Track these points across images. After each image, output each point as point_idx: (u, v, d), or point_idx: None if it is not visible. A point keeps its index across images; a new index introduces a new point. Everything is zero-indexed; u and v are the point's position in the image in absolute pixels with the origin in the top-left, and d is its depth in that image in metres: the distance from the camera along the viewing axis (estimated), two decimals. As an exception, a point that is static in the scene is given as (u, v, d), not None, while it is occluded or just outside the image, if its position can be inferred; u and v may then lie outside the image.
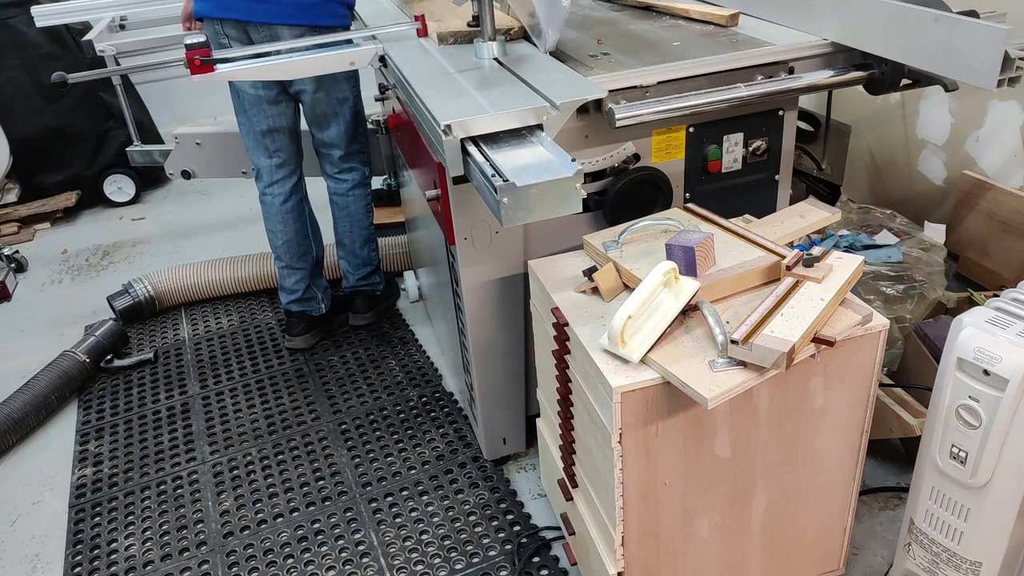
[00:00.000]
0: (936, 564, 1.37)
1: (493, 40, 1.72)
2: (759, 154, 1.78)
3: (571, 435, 1.51)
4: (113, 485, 2.12)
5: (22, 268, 3.39)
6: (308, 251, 2.51)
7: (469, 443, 2.13)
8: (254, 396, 2.41)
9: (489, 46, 1.73)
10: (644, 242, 1.51)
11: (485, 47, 1.73)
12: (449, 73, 1.66)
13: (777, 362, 1.16)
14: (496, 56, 1.73)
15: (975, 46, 1.39)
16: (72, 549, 1.94)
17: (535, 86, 1.52)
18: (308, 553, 1.85)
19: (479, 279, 1.73)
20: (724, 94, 1.61)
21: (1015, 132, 2.28)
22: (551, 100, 1.44)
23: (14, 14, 3.55)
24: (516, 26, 1.85)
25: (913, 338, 1.89)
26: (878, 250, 2.07)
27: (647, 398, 1.23)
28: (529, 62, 1.43)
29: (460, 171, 1.42)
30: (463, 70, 1.67)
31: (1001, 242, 2.30)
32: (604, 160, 1.67)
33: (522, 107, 1.42)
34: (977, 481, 1.23)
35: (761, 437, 1.35)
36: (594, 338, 1.31)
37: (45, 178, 3.86)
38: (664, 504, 1.35)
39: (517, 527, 1.87)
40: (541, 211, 1.25)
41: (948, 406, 1.24)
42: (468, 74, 1.65)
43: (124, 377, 2.56)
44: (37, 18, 2.59)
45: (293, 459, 2.15)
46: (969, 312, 1.24)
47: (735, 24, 1.88)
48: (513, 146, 1.39)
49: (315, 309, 2.59)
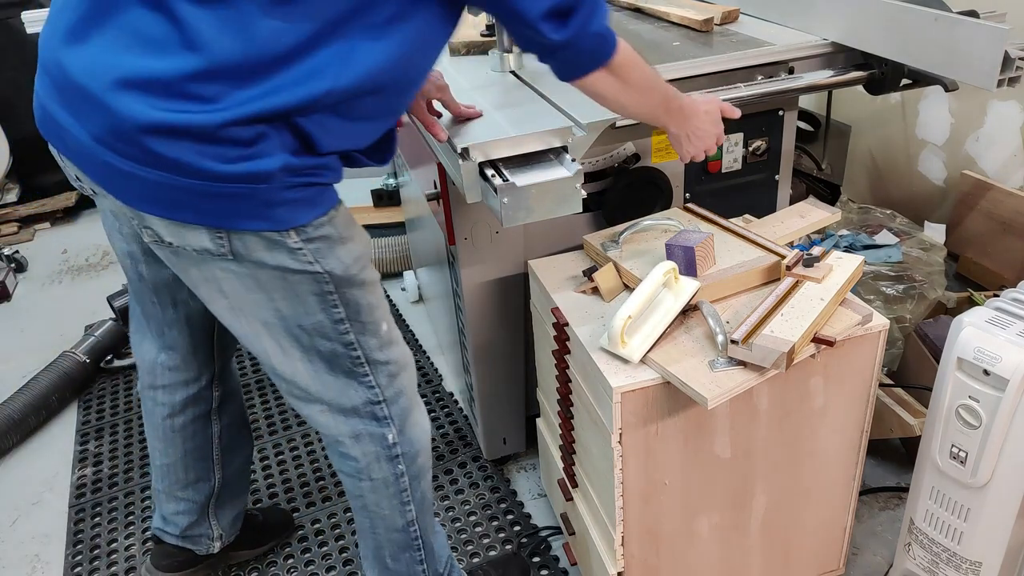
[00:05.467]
0: (936, 564, 1.37)
1: (509, 52, 1.62)
2: (759, 154, 1.78)
3: (571, 435, 1.51)
4: (113, 485, 2.12)
5: (22, 268, 3.39)
6: (203, 479, 1.61)
7: (469, 443, 2.13)
8: (254, 396, 2.41)
9: (506, 58, 1.62)
10: (644, 242, 1.51)
11: (502, 59, 1.63)
12: (464, 89, 1.56)
13: (777, 362, 1.16)
14: (513, 69, 1.64)
15: (975, 46, 1.39)
16: (72, 549, 1.94)
17: (557, 103, 1.42)
18: (308, 553, 1.85)
19: (479, 279, 1.73)
20: (724, 94, 1.61)
21: (1015, 132, 2.28)
22: (576, 120, 1.34)
23: (14, 14, 3.55)
24: None
25: (913, 338, 1.89)
26: (878, 250, 2.07)
27: (647, 398, 1.23)
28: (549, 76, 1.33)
29: (478, 198, 1.31)
30: (479, 86, 1.57)
31: (1001, 242, 2.30)
32: (604, 160, 1.67)
33: (545, 128, 1.31)
34: (977, 481, 1.23)
35: (761, 437, 1.35)
36: (594, 338, 1.31)
37: (45, 178, 3.85)
38: (664, 504, 1.35)
39: (517, 527, 1.87)
40: (541, 211, 1.25)
41: (948, 406, 1.24)
42: (485, 90, 1.55)
43: (124, 377, 2.56)
44: (28, 24, 2.58)
45: (293, 459, 2.15)
46: (969, 312, 1.24)
47: (709, 29, 1.85)
48: (534, 167, 1.29)
49: (202, 547, 1.69)
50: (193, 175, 1.03)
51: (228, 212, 1.07)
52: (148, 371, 1.52)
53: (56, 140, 1.14)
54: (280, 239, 1.11)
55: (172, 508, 1.63)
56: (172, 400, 1.53)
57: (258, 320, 1.21)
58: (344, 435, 1.31)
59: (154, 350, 1.49)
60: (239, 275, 1.15)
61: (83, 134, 1.06)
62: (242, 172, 1.03)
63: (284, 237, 1.11)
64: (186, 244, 1.12)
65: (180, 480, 1.60)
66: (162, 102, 1.00)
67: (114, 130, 1.02)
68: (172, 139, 1.01)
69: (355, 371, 1.26)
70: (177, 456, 1.58)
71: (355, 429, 1.31)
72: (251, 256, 1.12)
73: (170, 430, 1.55)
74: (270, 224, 1.09)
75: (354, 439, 1.31)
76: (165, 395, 1.52)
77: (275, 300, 1.18)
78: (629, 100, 1.25)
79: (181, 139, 1.01)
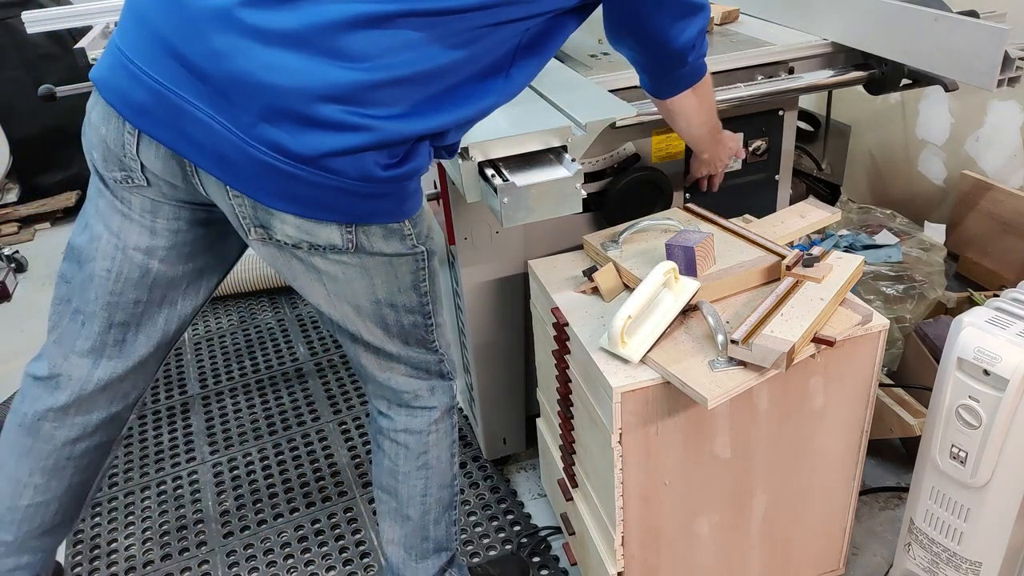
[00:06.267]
0: (936, 564, 1.37)
1: None
2: (759, 154, 1.78)
3: (571, 435, 1.51)
4: (113, 485, 2.12)
5: (22, 268, 3.39)
6: (66, 522, 1.42)
7: (469, 443, 2.13)
8: (254, 396, 2.41)
9: None
10: (644, 242, 1.51)
11: None
12: None
13: (777, 362, 1.16)
14: None
15: (975, 46, 1.39)
16: (72, 549, 1.94)
17: (557, 103, 1.43)
18: (308, 553, 1.85)
19: (479, 279, 1.73)
20: (724, 94, 1.61)
21: (1015, 132, 2.28)
22: (576, 120, 1.34)
23: (14, 14, 3.55)
24: None
25: (913, 338, 1.89)
26: (878, 250, 2.07)
27: (647, 398, 1.23)
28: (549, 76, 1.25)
29: (477, 197, 1.33)
30: None
31: (1001, 242, 2.30)
32: (604, 160, 1.67)
33: (545, 127, 1.31)
34: (977, 481, 1.23)
35: (761, 437, 1.35)
36: (594, 338, 1.31)
37: (45, 178, 3.85)
38: (664, 504, 1.35)
39: (517, 527, 1.87)
40: (541, 211, 1.25)
41: (948, 406, 1.24)
42: None
43: (124, 377, 2.56)
44: (28, 24, 2.56)
45: (293, 459, 2.15)
46: (969, 312, 1.24)
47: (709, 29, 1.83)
48: (533, 167, 1.29)
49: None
50: (355, 179, 1.05)
51: (372, 210, 1.11)
52: (68, 389, 1.31)
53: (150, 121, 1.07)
54: (398, 227, 1.16)
55: (11, 563, 1.37)
56: (86, 421, 1.33)
57: (352, 305, 1.23)
58: (423, 389, 1.39)
59: (89, 363, 1.30)
60: (348, 265, 1.17)
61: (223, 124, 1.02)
62: (397, 175, 1.08)
63: (402, 226, 1.16)
64: (314, 240, 1.12)
65: (44, 524, 1.37)
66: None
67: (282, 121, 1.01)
68: (349, 155, 1.03)
69: (427, 337, 1.34)
70: (56, 493, 1.36)
71: (431, 384, 1.40)
72: (371, 248, 1.16)
73: (66, 458, 1.34)
74: (400, 216, 1.15)
75: (431, 392, 1.40)
76: (80, 415, 1.33)
77: (375, 285, 1.22)
78: (699, 120, 1.43)
79: (357, 153, 1.03)
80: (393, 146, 1.05)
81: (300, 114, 1.00)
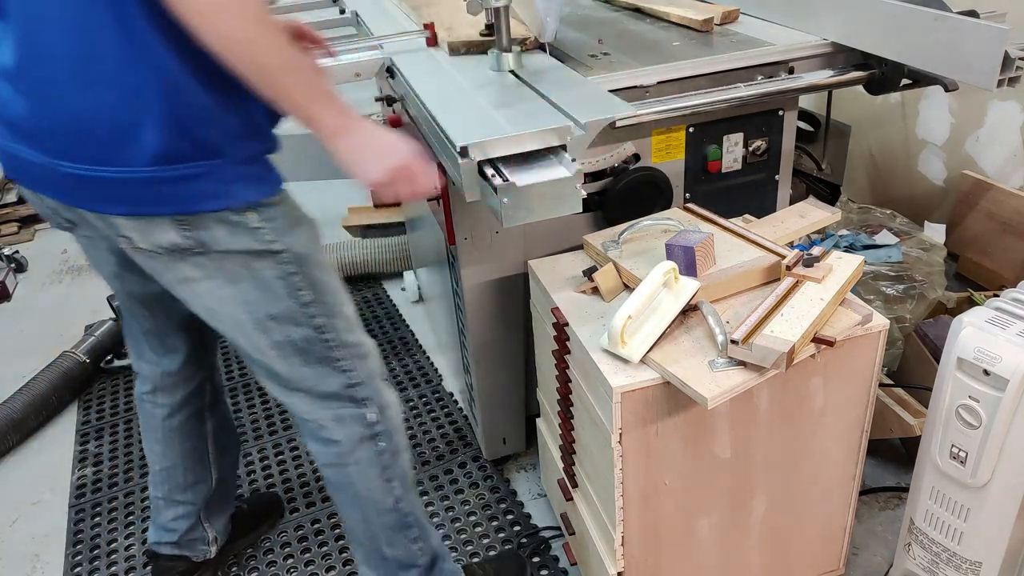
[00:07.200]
0: (936, 564, 1.37)
1: (508, 51, 1.62)
2: (759, 154, 1.78)
3: (571, 435, 1.51)
4: (113, 485, 2.12)
5: (22, 268, 3.39)
6: (201, 481, 1.66)
7: (469, 443, 2.13)
8: (254, 396, 2.41)
9: (505, 57, 1.62)
10: (644, 242, 1.51)
11: (501, 59, 1.62)
12: (464, 88, 1.56)
13: (777, 362, 1.16)
14: (512, 68, 1.63)
15: (975, 46, 1.39)
16: (72, 549, 1.94)
17: (557, 102, 1.43)
18: (308, 553, 1.85)
19: (479, 279, 1.73)
20: (724, 94, 1.61)
21: (1015, 132, 2.28)
22: (575, 119, 1.34)
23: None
24: (531, 36, 1.74)
25: (913, 338, 1.89)
26: (878, 250, 2.07)
27: (647, 398, 1.23)
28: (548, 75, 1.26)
29: (477, 196, 1.31)
30: (478, 85, 1.57)
31: (1001, 242, 2.30)
32: (604, 160, 1.67)
33: (544, 127, 1.31)
34: (977, 481, 1.23)
35: (761, 437, 1.35)
36: (594, 338, 1.31)
37: (45, 178, 3.86)
38: (664, 504, 1.35)
39: (517, 527, 1.87)
40: (541, 211, 1.25)
41: (948, 406, 1.24)
42: (484, 89, 1.55)
43: (124, 377, 2.56)
44: None
45: (293, 459, 2.15)
46: (969, 312, 1.24)
47: (709, 29, 1.84)
48: (533, 166, 1.29)
49: (199, 554, 1.72)
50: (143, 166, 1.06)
51: (188, 195, 1.10)
52: (149, 379, 1.57)
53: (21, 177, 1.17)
54: (240, 219, 1.14)
55: (171, 514, 1.67)
56: (172, 400, 1.58)
57: (231, 318, 1.23)
58: (327, 420, 1.33)
59: (155, 360, 1.54)
60: (209, 271, 1.17)
61: (36, 155, 1.10)
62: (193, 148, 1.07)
63: (244, 217, 1.14)
64: (156, 243, 1.14)
65: (180, 483, 1.64)
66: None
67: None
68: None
69: (329, 356, 1.28)
70: (176, 458, 1.62)
71: (337, 413, 1.33)
72: (217, 245, 1.15)
73: (168, 430, 1.60)
74: (229, 200, 1.12)
75: (337, 422, 1.33)
76: (165, 396, 1.58)
77: (244, 292, 1.20)
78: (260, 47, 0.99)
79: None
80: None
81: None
